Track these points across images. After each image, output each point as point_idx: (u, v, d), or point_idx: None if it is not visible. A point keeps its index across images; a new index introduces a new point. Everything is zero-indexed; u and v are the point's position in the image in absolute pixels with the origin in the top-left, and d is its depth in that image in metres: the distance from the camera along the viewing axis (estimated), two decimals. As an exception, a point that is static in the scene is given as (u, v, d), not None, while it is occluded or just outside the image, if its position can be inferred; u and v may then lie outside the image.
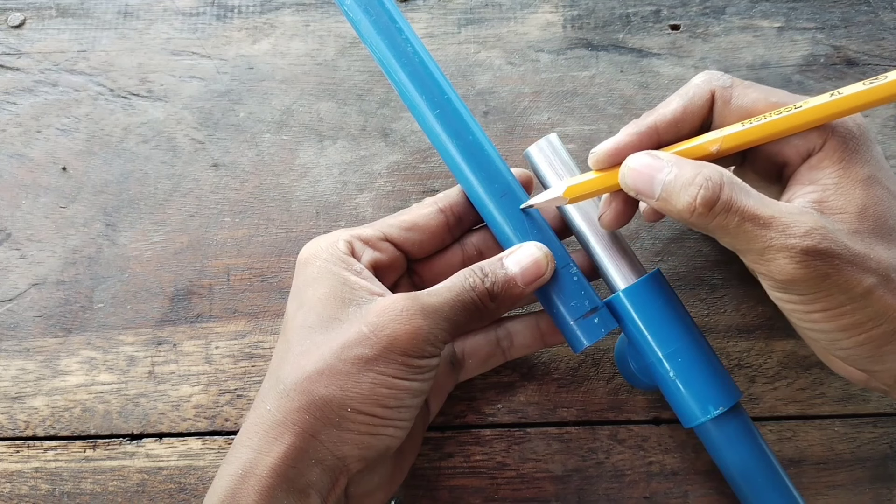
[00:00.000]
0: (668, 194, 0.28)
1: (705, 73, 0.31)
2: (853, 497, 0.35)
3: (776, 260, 0.26)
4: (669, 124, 0.30)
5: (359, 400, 0.28)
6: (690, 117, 0.30)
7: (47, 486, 0.35)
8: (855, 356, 0.29)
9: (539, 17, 0.43)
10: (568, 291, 0.31)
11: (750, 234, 0.27)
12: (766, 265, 0.27)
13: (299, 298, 0.30)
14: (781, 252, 0.26)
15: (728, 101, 0.30)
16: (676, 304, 0.32)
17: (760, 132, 0.28)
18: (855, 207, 0.27)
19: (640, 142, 0.30)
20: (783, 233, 0.26)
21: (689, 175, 0.27)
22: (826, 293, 0.27)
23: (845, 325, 0.27)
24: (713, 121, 0.30)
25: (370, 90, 0.42)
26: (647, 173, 0.28)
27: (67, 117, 0.41)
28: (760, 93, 0.29)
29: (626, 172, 0.29)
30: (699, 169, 0.27)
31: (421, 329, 0.28)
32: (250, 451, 0.28)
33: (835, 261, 0.26)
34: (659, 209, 0.29)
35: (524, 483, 0.35)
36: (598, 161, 0.30)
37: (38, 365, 0.37)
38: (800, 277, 0.26)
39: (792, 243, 0.26)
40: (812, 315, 0.28)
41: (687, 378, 0.31)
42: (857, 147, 0.28)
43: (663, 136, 0.30)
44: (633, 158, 0.29)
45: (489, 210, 0.32)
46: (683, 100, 0.30)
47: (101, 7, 0.44)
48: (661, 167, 0.28)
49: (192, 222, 0.39)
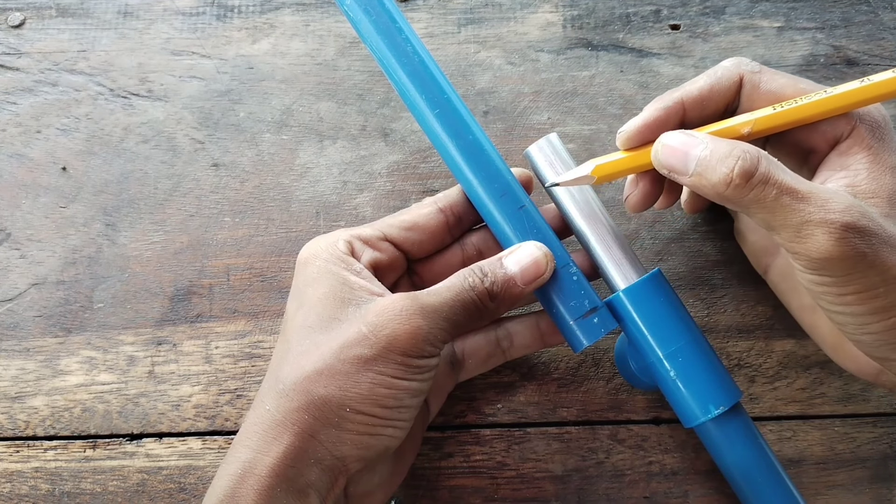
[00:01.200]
0: (704, 169, 0.28)
1: (734, 59, 0.31)
2: (853, 497, 0.35)
3: (814, 236, 0.26)
4: (695, 101, 0.30)
5: (358, 400, 0.28)
6: (717, 97, 0.30)
7: (47, 485, 0.35)
8: (880, 342, 0.28)
9: (539, 17, 0.43)
10: (567, 291, 0.31)
11: (788, 208, 0.26)
12: (802, 242, 0.27)
13: (299, 298, 0.30)
14: (820, 227, 0.26)
15: (757, 86, 0.30)
16: (677, 303, 0.32)
17: (792, 115, 0.29)
18: (887, 192, 0.28)
19: (667, 117, 0.30)
20: (822, 207, 0.26)
21: (725, 149, 0.27)
22: (861, 274, 0.26)
23: (877, 307, 0.27)
24: (740, 104, 0.31)
25: (370, 90, 0.42)
26: (682, 150, 0.28)
27: (67, 117, 0.41)
28: (788, 79, 0.30)
29: (659, 150, 0.29)
30: (735, 144, 0.28)
31: (420, 329, 0.28)
32: (249, 451, 0.28)
33: (872, 240, 0.26)
34: (691, 185, 0.29)
35: (524, 483, 0.35)
36: (628, 139, 0.30)
37: (38, 365, 0.37)
38: (837, 255, 0.26)
39: (831, 218, 0.26)
40: (845, 298, 0.28)
41: (687, 378, 0.31)
42: (883, 135, 0.29)
43: (689, 114, 0.30)
44: (668, 135, 0.29)
45: (489, 210, 0.32)
46: (711, 79, 0.30)
47: (101, 7, 0.44)
48: (697, 143, 0.28)
49: (192, 222, 0.39)
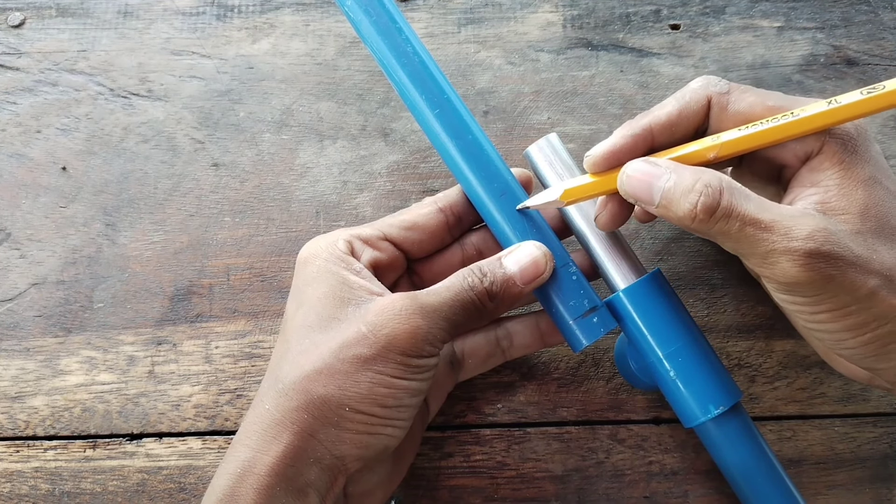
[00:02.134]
0: (668, 202, 0.28)
1: (703, 79, 0.30)
2: (853, 497, 0.35)
3: (779, 263, 0.26)
4: (664, 127, 0.30)
5: (357, 399, 0.28)
6: (685, 121, 0.30)
7: (47, 485, 0.35)
8: (860, 355, 0.29)
9: (539, 17, 0.43)
10: (567, 291, 0.31)
11: (752, 239, 0.26)
12: (769, 269, 0.27)
13: (299, 298, 0.30)
14: (784, 255, 0.26)
15: (725, 107, 0.30)
16: (676, 303, 0.32)
17: (757, 140, 0.28)
18: (857, 208, 0.27)
19: (634, 144, 0.30)
20: (785, 236, 0.26)
21: (688, 182, 0.27)
22: (831, 295, 0.27)
23: (850, 325, 0.27)
24: (709, 125, 0.30)
25: (370, 90, 0.42)
26: (646, 181, 0.28)
27: (67, 117, 0.41)
28: (757, 97, 0.29)
29: (624, 180, 0.29)
30: (698, 175, 0.27)
31: (420, 329, 0.28)
32: (249, 451, 0.28)
33: (838, 263, 0.26)
34: (659, 216, 0.29)
35: (524, 483, 0.35)
36: (594, 164, 0.30)
37: (37, 364, 0.37)
38: (804, 280, 0.26)
39: (794, 246, 0.26)
40: (817, 316, 0.28)
41: (687, 378, 0.31)
42: (855, 148, 0.28)
43: (658, 139, 0.30)
44: (631, 165, 0.29)
45: (488, 210, 0.32)
46: (679, 103, 0.30)
47: (101, 7, 0.44)
48: (660, 174, 0.28)
49: (192, 222, 0.39)
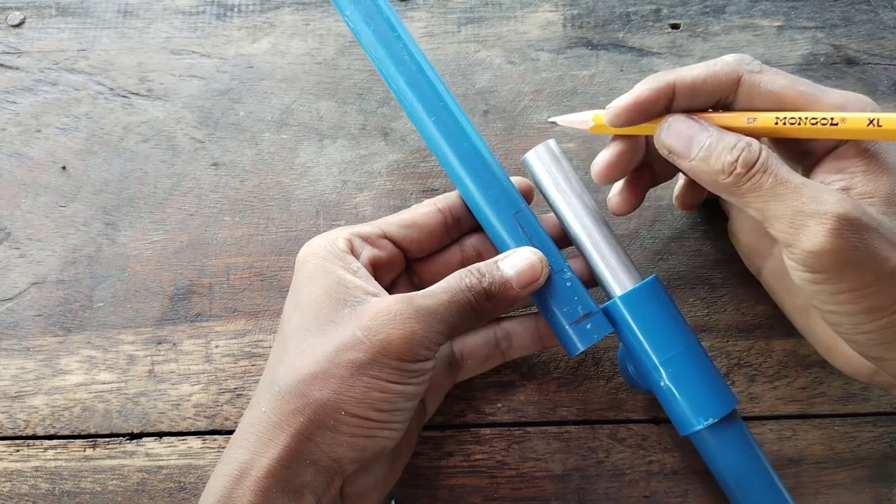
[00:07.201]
0: (708, 155, 0.29)
1: (737, 55, 0.31)
2: (853, 496, 0.35)
3: (807, 226, 0.26)
4: (687, 88, 0.30)
5: (352, 403, 0.28)
6: (709, 88, 0.30)
7: (47, 485, 0.35)
8: (874, 341, 0.28)
9: (539, 16, 0.43)
10: (561, 296, 0.31)
11: (782, 197, 0.27)
12: (795, 233, 0.27)
13: (296, 298, 0.31)
14: (813, 218, 0.26)
15: (757, 86, 0.30)
16: (673, 311, 0.32)
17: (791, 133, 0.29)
18: (884, 192, 0.28)
19: (657, 98, 0.30)
20: (814, 198, 0.26)
21: (730, 139, 0.28)
22: (854, 270, 0.27)
23: (870, 306, 0.27)
24: (737, 102, 0.30)
25: (370, 89, 0.42)
26: (688, 133, 0.29)
27: (67, 116, 0.41)
28: (789, 81, 0.30)
29: (665, 129, 0.30)
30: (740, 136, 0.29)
31: (415, 333, 0.28)
32: (246, 452, 0.28)
33: (864, 234, 0.26)
34: (689, 170, 0.30)
35: (524, 482, 0.35)
36: (616, 116, 0.30)
37: (37, 364, 0.37)
38: (829, 247, 0.26)
39: (824, 209, 0.26)
40: (838, 296, 0.28)
41: (682, 386, 0.31)
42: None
43: (678, 100, 0.30)
44: (675, 118, 0.30)
45: (485, 215, 0.32)
46: (709, 70, 0.30)
47: (101, 6, 0.44)
48: (703, 129, 0.29)
49: (192, 221, 0.39)
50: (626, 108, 0.30)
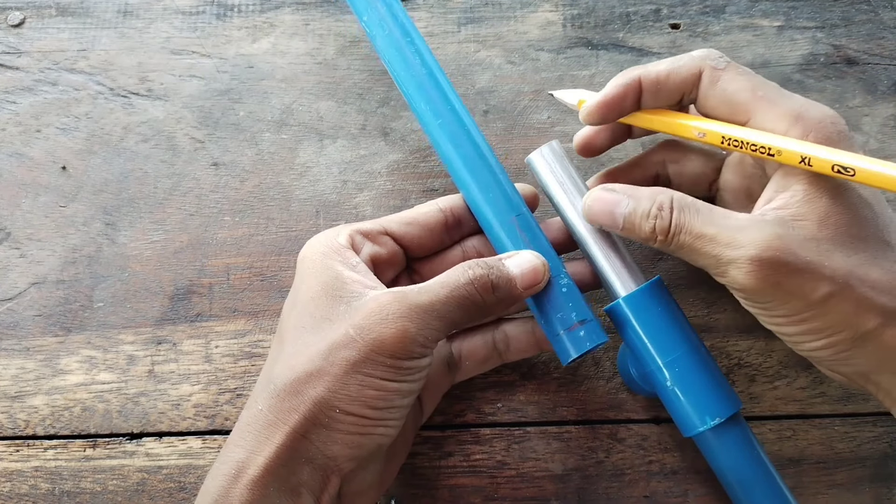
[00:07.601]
0: (631, 225, 0.30)
1: (705, 50, 0.31)
2: (853, 496, 0.35)
3: (729, 272, 0.28)
4: (651, 83, 0.31)
5: (347, 401, 0.28)
6: (672, 83, 0.31)
7: (47, 485, 0.35)
8: (821, 357, 0.29)
9: (539, 16, 0.43)
10: (556, 302, 0.31)
11: (701, 251, 0.28)
12: (723, 278, 0.29)
13: (294, 296, 0.31)
14: (731, 265, 0.28)
15: (714, 83, 0.30)
16: (677, 312, 0.32)
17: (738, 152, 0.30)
18: (817, 215, 0.28)
19: (625, 94, 0.31)
20: (728, 246, 0.27)
21: (644, 206, 0.29)
22: (782, 300, 0.28)
23: (807, 329, 0.28)
24: (697, 98, 0.31)
25: (370, 89, 0.42)
26: (608, 209, 0.30)
27: (67, 116, 0.41)
28: (748, 83, 0.30)
29: (588, 206, 0.31)
30: (653, 197, 0.29)
31: (408, 331, 0.28)
32: (243, 451, 0.28)
33: (783, 269, 0.27)
34: (628, 237, 0.31)
35: (524, 482, 0.35)
36: (589, 115, 0.32)
37: (37, 364, 0.37)
38: (752, 287, 0.27)
39: (737, 255, 0.27)
40: (776, 320, 0.29)
41: (685, 387, 0.31)
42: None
43: (645, 95, 0.31)
44: (592, 194, 0.31)
45: (486, 217, 0.33)
46: (672, 65, 0.31)
47: (101, 6, 0.44)
48: (619, 200, 0.30)
49: (192, 221, 0.39)
50: (596, 107, 0.32)
